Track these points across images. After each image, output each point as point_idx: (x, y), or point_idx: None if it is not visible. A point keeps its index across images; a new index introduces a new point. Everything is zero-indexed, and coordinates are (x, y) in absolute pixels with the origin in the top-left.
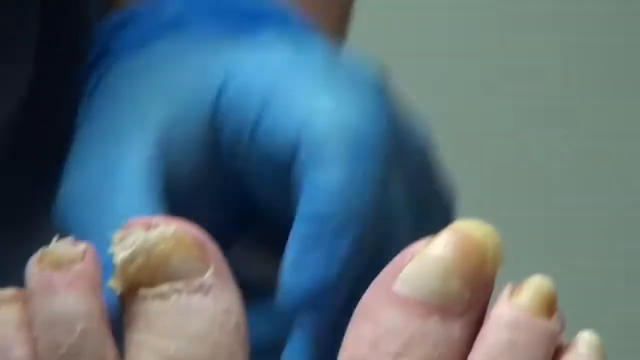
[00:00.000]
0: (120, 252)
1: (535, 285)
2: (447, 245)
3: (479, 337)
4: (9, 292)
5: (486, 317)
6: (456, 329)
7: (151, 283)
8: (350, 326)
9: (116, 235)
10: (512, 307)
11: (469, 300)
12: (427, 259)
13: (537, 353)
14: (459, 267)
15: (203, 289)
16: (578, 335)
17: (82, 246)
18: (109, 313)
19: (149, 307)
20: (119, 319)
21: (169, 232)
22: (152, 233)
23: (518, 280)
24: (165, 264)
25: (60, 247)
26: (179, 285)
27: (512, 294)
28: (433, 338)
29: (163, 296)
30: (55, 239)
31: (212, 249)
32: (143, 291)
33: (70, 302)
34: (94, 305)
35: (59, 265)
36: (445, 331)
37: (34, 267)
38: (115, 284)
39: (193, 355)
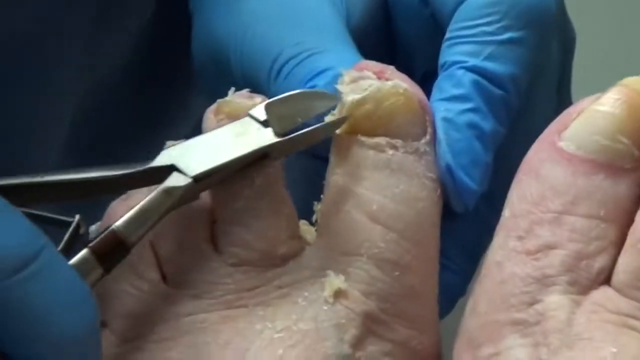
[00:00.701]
0: (350, 94)
1: None
2: (616, 101)
3: None
4: None
5: None
6: (623, 187)
7: (371, 132)
8: (514, 183)
9: (348, 75)
10: None
11: (638, 157)
12: (594, 115)
13: None
14: (628, 123)
15: (418, 153)
16: None
17: (257, 98)
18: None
19: (363, 156)
20: None
21: (402, 88)
22: (386, 84)
23: None
24: (390, 118)
25: (237, 98)
26: (397, 142)
27: None
28: (599, 195)
29: (379, 148)
30: (231, 90)
31: (431, 117)
32: (362, 138)
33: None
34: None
35: (236, 116)
36: (612, 188)
37: (210, 118)
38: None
39: (396, 215)
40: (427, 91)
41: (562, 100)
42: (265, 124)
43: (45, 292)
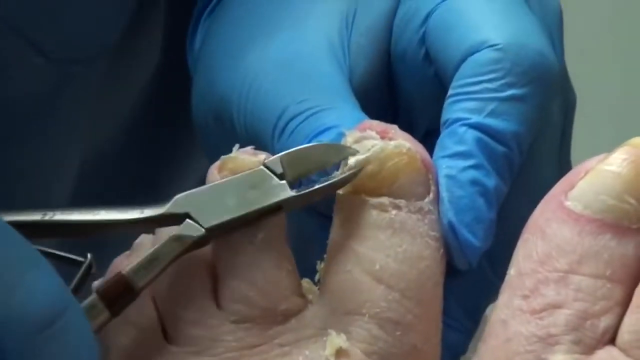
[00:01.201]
0: (356, 154)
1: None
2: (624, 161)
3: None
4: None
5: None
6: (630, 247)
7: (374, 192)
8: (520, 242)
9: (351, 135)
10: None
11: None
12: (602, 175)
13: None
14: (635, 183)
15: (421, 212)
16: None
17: (262, 155)
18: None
19: (366, 216)
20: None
21: (405, 147)
22: (389, 144)
23: None
24: (394, 178)
25: (241, 155)
26: (400, 202)
27: None
28: (606, 255)
29: (382, 208)
30: (236, 147)
31: (434, 175)
32: (365, 198)
33: None
34: (275, 218)
35: (239, 173)
36: (619, 249)
37: (214, 174)
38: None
39: (399, 275)
40: (430, 149)
41: (562, 161)
42: (280, 176)
43: (65, 353)
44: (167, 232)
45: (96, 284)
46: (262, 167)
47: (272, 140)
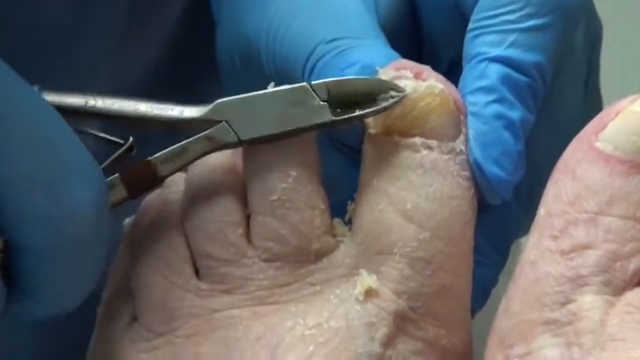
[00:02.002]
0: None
1: None
2: None
3: None
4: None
5: None
6: None
7: (406, 132)
8: (550, 182)
9: (385, 73)
10: None
11: None
12: (633, 116)
13: None
14: None
15: (453, 153)
16: None
17: None
18: None
19: (397, 156)
20: None
21: (437, 89)
22: (421, 85)
23: None
24: (425, 119)
25: None
26: (432, 142)
27: None
28: (636, 197)
29: (414, 148)
30: (271, 85)
31: (466, 115)
32: (396, 138)
33: (286, 148)
34: (308, 154)
35: None
36: None
37: None
38: (372, 123)
39: (429, 214)
40: (454, 81)
41: (590, 94)
42: (321, 98)
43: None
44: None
45: (127, 221)
46: (305, 84)
47: (302, 78)
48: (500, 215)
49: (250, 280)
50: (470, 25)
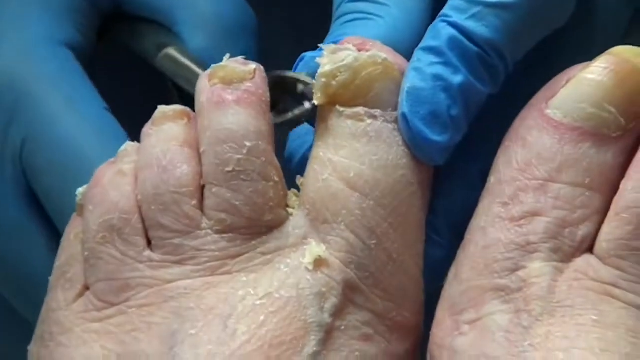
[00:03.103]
0: (328, 64)
1: None
2: (605, 69)
3: (632, 164)
4: (173, 108)
5: None
6: (609, 156)
7: (349, 102)
8: (500, 149)
9: (329, 48)
10: None
11: (624, 126)
12: (583, 84)
13: None
14: (616, 92)
15: (397, 122)
16: None
17: (252, 65)
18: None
19: (341, 126)
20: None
21: (380, 58)
22: (363, 55)
23: None
24: (369, 88)
25: (231, 64)
26: (376, 112)
27: None
28: (585, 163)
29: (358, 117)
30: (226, 56)
31: None
32: (340, 108)
33: (240, 119)
34: (263, 124)
35: (229, 81)
36: (598, 157)
37: (205, 83)
38: (316, 95)
39: (373, 182)
40: None
41: None
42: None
43: None
44: None
45: (80, 190)
46: None
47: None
48: (464, 198)
49: (202, 252)
50: None
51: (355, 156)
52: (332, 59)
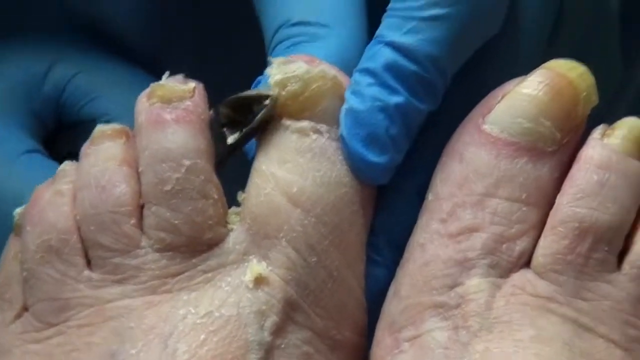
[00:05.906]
0: (278, 74)
1: (628, 126)
2: (540, 84)
3: (568, 179)
4: (112, 127)
5: (576, 159)
6: (545, 170)
7: (296, 115)
8: (438, 166)
9: (278, 60)
10: (603, 148)
11: (559, 140)
12: (518, 98)
13: (627, 194)
14: (551, 106)
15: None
16: None
17: (192, 83)
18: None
19: (286, 140)
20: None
21: (330, 74)
22: (314, 68)
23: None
24: (317, 102)
25: (170, 83)
26: (321, 127)
27: (603, 135)
28: (521, 179)
29: (303, 132)
30: (165, 75)
31: None
32: (286, 122)
33: (178, 137)
34: (202, 143)
35: (168, 100)
36: (534, 172)
37: (144, 102)
38: (273, 90)
39: (315, 199)
40: None
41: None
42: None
43: None
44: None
45: (17, 211)
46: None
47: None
48: (403, 215)
49: (142, 271)
50: (388, 6)
51: (298, 171)
52: (282, 69)
